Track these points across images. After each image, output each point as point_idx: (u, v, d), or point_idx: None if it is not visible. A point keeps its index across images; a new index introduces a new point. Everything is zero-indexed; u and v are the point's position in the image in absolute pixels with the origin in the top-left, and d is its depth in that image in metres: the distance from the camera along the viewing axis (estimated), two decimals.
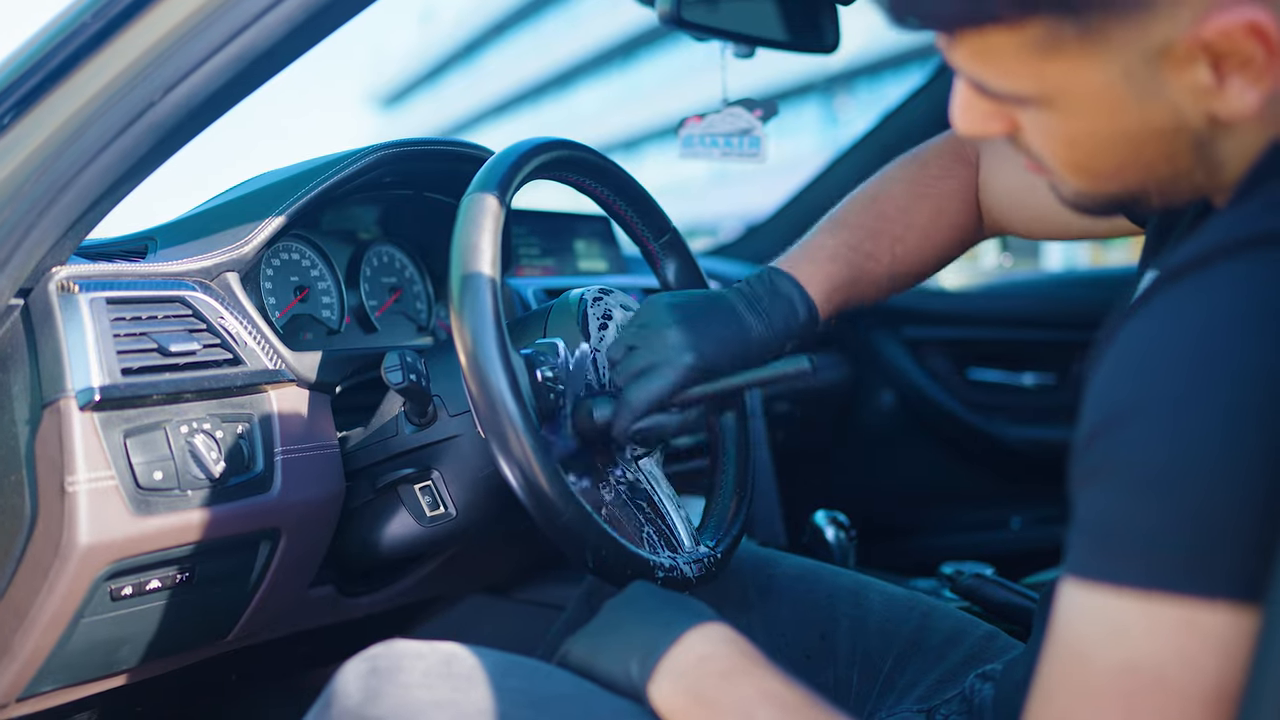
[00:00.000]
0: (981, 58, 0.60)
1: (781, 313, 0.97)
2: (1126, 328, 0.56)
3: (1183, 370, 0.52)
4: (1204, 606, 0.50)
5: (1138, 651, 0.51)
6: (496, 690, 0.69)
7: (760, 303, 0.98)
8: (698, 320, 0.94)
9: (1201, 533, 0.50)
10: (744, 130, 1.38)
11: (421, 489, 1.03)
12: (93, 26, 0.83)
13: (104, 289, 0.91)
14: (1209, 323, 0.53)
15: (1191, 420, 0.51)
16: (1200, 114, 0.58)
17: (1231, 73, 0.56)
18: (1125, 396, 0.53)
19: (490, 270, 0.86)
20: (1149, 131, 0.60)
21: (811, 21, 1.36)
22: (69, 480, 0.84)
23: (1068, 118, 0.61)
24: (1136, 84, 0.57)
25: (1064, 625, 0.55)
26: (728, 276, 2.00)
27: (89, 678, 0.95)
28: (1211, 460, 0.50)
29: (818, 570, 1.06)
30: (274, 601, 1.03)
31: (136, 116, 0.84)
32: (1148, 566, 0.51)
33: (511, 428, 0.82)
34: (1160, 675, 0.51)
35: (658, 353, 0.93)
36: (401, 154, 1.12)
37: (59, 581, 0.85)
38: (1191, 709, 0.50)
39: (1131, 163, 0.62)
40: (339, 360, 1.06)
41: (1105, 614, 0.52)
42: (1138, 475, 0.52)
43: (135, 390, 0.88)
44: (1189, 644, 0.50)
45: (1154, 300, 0.55)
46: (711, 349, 0.93)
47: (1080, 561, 0.54)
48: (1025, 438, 2.08)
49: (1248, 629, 0.50)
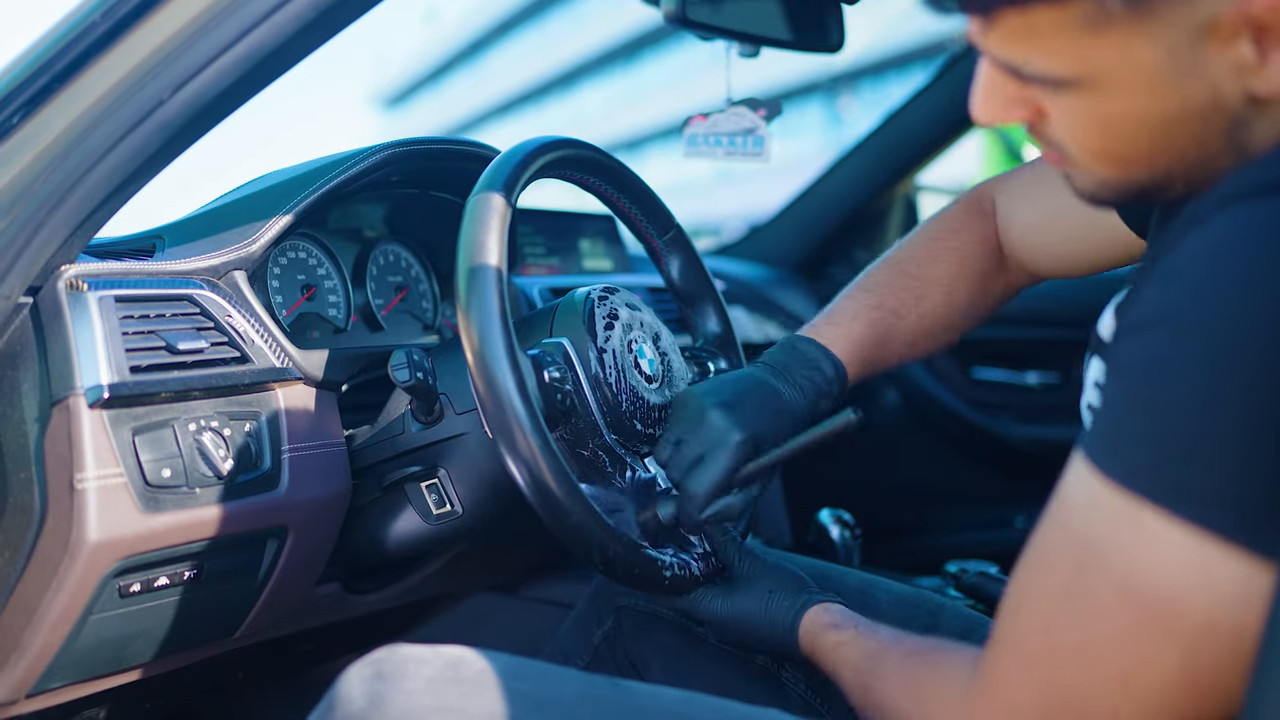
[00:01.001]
0: (1021, 38, 0.59)
1: (810, 377, 0.99)
2: (1174, 250, 0.56)
3: (1193, 297, 0.54)
4: (1162, 517, 0.53)
5: (1095, 528, 0.56)
6: (503, 694, 0.69)
7: (788, 371, 0.99)
8: (735, 400, 0.95)
9: (1175, 449, 0.53)
10: (748, 130, 1.39)
11: (428, 487, 1.03)
12: (102, 26, 0.83)
13: (112, 287, 0.91)
14: (1233, 254, 0.53)
15: (1197, 345, 0.53)
16: (1238, 92, 0.57)
17: (1273, 48, 0.55)
18: (1151, 307, 0.56)
19: (497, 269, 0.86)
20: (1187, 113, 0.59)
21: (816, 21, 1.36)
22: (78, 477, 0.84)
23: (1106, 99, 0.60)
24: (1180, 63, 0.57)
25: (1062, 486, 0.60)
26: (731, 275, 2.01)
27: (97, 674, 0.95)
28: (1197, 387, 0.52)
29: (825, 570, 1.06)
30: (281, 599, 1.04)
31: (145, 115, 0.84)
32: (1121, 463, 0.55)
33: (519, 427, 0.82)
34: (1102, 557, 0.55)
35: (706, 439, 0.93)
36: (408, 153, 1.13)
37: (68, 578, 0.85)
38: (1112, 595, 0.55)
39: (1163, 148, 0.61)
40: (345, 358, 1.06)
41: (1085, 488, 0.57)
42: (1131, 383, 0.55)
43: (144, 388, 0.89)
44: (1134, 540, 0.54)
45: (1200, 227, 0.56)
46: (755, 423, 0.93)
47: (1084, 438, 0.58)
48: (1029, 436, 2.08)
49: (1220, 562, 0.51)
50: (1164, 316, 0.55)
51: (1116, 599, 0.55)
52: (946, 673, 0.69)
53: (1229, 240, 0.54)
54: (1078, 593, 0.57)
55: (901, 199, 2.22)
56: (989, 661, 0.63)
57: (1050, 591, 0.59)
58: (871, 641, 0.79)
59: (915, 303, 1.04)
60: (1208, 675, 0.53)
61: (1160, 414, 0.53)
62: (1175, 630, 0.53)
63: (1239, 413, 0.51)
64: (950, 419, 2.12)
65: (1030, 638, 0.60)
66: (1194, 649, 0.53)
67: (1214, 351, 0.52)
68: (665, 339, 1.08)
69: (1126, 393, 0.56)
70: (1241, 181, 0.56)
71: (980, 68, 0.65)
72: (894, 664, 0.75)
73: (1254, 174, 0.56)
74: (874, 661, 0.77)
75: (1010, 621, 0.62)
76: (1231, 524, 0.51)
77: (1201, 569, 0.52)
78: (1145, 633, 0.54)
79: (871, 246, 2.19)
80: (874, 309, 1.03)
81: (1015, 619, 0.61)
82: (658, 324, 1.09)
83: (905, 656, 0.75)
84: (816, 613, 0.86)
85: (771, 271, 2.13)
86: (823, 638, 0.84)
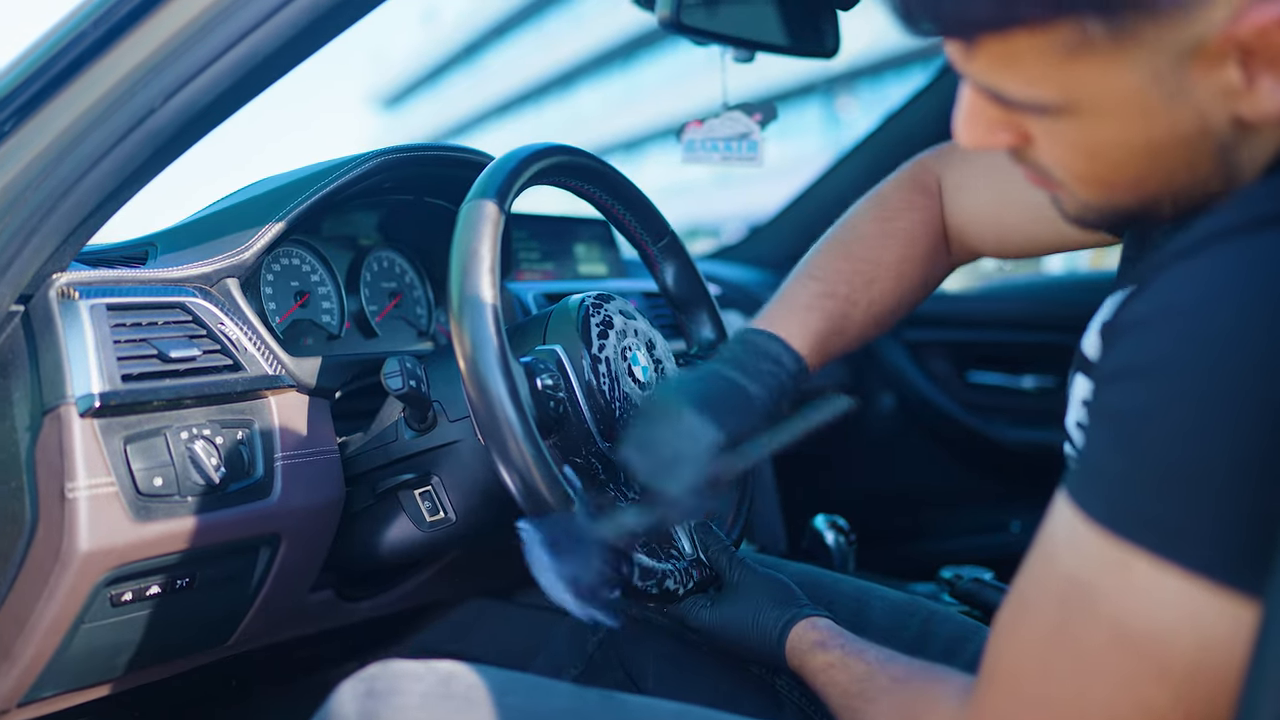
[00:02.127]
0: (1002, 64, 0.58)
1: (772, 372, 0.94)
2: (1154, 284, 0.55)
3: (1178, 341, 0.53)
4: (1149, 561, 0.52)
5: (1083, 570, 0.55)
6: (495, 709, 0.68)
7: (750, 367, 0.94)
8: (705, 399, 0.89)
9: (1161, 494, 0.52)
10: (743, 134, 1.39)
11: (421, 494, 1.03)
12: (93, 35, 0.83)
13: (104, 295, 0.91)
14: (1217, 295, 0.53)
15: (1182, 392, 0.52)
16: (1225, 117, 0.57)
17: (1261, 72, 0.54)
18: (1136, 353, 0.55)
19: (490, 276, 0.86)
20: (1174, 138, 0.58)
21: (812, 26, 1.36)
22: (69, 486, 0.84)
23: (1091, 126, 0.59)
24: (1165, 87, 0.56)
25: (1047, 525, 0.59)
26: (730, 279, 2.00)
27: (89, 683, 0.95)
28: (1181, 431, 0.52)
29: (819, 577, 1.06)
30: (274, 606, 1.03)
31: (137, 123, 0.84)
32: (1106, 506, 0.55)
33: (511, 434, 0.82)
34: (1090, 599, 0.55)
35: (679, 441, 0.86)
36: (402, 159, 1.13)
37: (59, 587, 0.85)
38: (1103, 638, 0.54)
39: (1151, 173, 0.60)
40: (339, 366, 1.06)
41: (1071, 529, 0.57)
42: (1116, 428, 0.55)
43: (135, 396, 0.89)
44: (1122, 584, 0.54)
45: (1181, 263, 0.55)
46: (729, 421, 0.88)
47: (1069, 478, 0.58)
48: (1025, 440, 2.08)
49: (1208, 603, 0.51)
50: (1149, 363, 0.54)
51: (1105, 641, 0.55)
52: (936, 703, 0.69)
53: (1215, 281, 0.53)
54: (1066, 633, 0.56)
55: None
56: (978, 695, 0.63)
57: (1039, 631, 0.58)
58: (859, 665, 0.79)
59: (866, 287, 1.00)
60: (1196, 712, 0.53)
61: (1146, 459, 0.53)
62: (1165, 671, 0.53)
63: (1224, 456, 0.51)
64: (946, 423, 2.12)
65: (1019, 676, 0.59)
66: (1184, 689, 0.53)
67: (1199, 398, 0.51)
68: (659, 346, 1.08)
69: (1111, 437, 0.55)
70: (1229, 216, 0.55)
71: (962, 91, 0.63)
72: (883, 690, 0.75)
73: (1242, 208, 0.55)
74: (862, 685, 0.77)
75: (999, 658, 0.61)
76: (1219, 566, 0.51)
77: (1190, 611, 0.52)
78: (1135, 674, 0.54)
79: None
80: (827, 297, 0.99)
81: (1004, 656, 0.61)
82: (651, 331, 1.08)
83: (894, 683, 0.75)
84: (804, 628, 0.86)
85: (768, 275, 2.13)
86: (810, 657, 0.83)
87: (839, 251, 1.03)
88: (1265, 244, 0.53)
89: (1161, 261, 0.56)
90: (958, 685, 0.69)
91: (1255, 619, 0.50)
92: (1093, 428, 0.57)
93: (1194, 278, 0.54)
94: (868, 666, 0.78)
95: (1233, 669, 0.51)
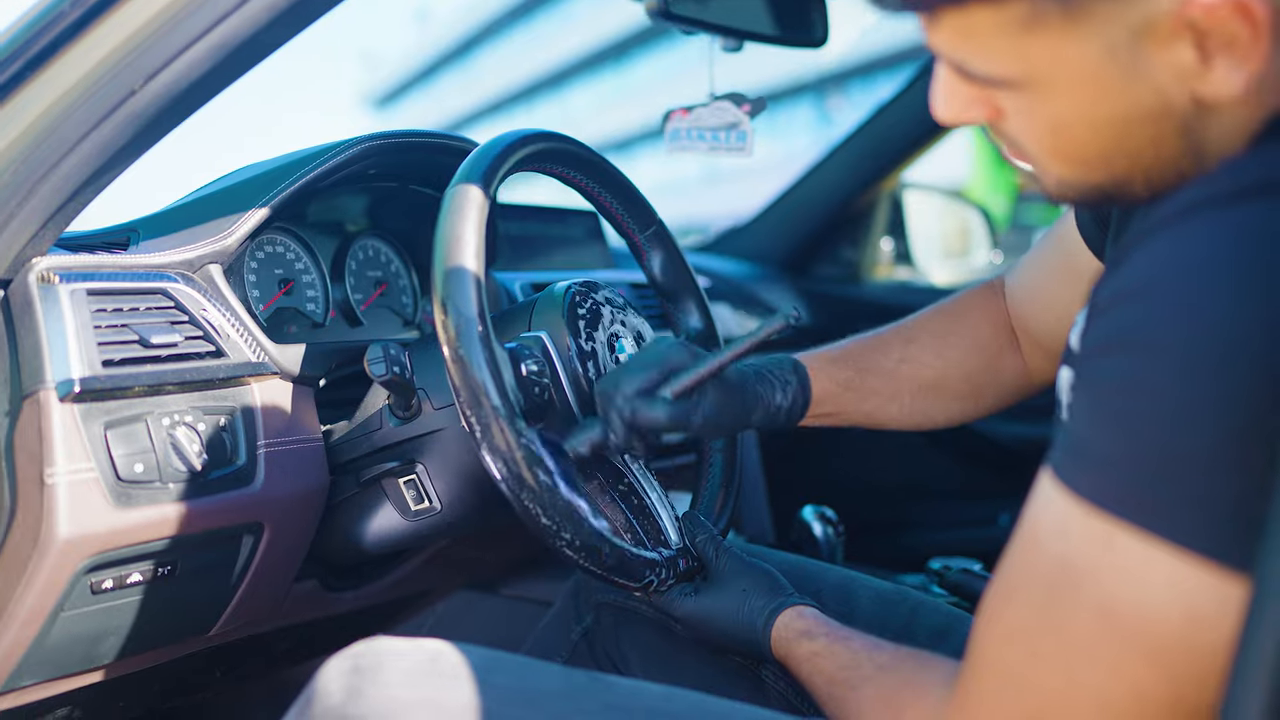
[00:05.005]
0: (963, 38, 0.60)
1: (764, 362, 1.00)
2: (1136, 255, 0.56)
3: (1164, 314, 0.53)
4: (1135, 536, 0.52)
5: (1069, 550, 0.55)
6: (481, 687, 0.68)
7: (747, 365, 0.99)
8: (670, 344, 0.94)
9: (1147, 468, 0.52)
10: (731, 124, 1.38)
11: (406, 483, 1.03)
12: (72, 14, 0.82)
13: (85, 280, 0.90)
14: (1202, 266, 0.53)
15: (1165, 364, 0.52)
16: (1185, 96, 0.58)
17: (1216, 52, 0.55)
18: (1117, 326, 0.55)
19: (474, 261, 0.85)
20: (1134, 115, 0.59)
21: (800, 15, 1.35)
22: (48, 472, 0.83)
23: (1051, 100, 0.60)
24: (1120, 64, 0.57)
25: (1031, 507, 0.59)
26: (715, 271, 2.00)
27: (69, 672, 0.94)
28: (1169, 404, 0.52)
29: (805, 566, 1.06)
30: (257, 596, 1.02)
31: (117, 105, 0.83)
32: (1092, 483, 0.54)
33: (495, 420, 0.81)
34: (1076, 577, 0.55)
35: (630, 362, 0.92)
36: (387, 146, 1.12)
37: (38, 574, 0.84)
38: (1090, 619, 0.54)
39: (1116, 149, 0.61)
40: (323, 353, 1.05)
41: (1056, 509, 0.56)
42: (1102, 403, 0.55)
43: (116, 382, 0.88)
44: (1108, 560, 0.53)
45: (1164, 233, 0.55)
46: (684, 350, 0.92)
47: (1053, 456, 0.58)
48: (1014, 434, 2.08)
49: (1196, 579, 0.51)
50: (1130, 336, 0.54)
51: (1092, 619, 0.54)
52: (922, 690, 0.69)
53: (1198, 252, 0.53)
54: (1053, 613, 0.56)
55: (887, 195, 2.22)
56: (965, 681, 0.63)
57: (1025, 612, 0.58)
58: (845, 652, 0.79)
59: (902, 345, 1.04)
60: (1186, 692, 0.53)
61: (1131, 433, 0.53)
62: (1153, 649, 0.53)
63: (1211, 429, 0.51)
64: None
65: (1006, 658, 0.59)
66: (1172, 666, 0.53)
67: (1182, 370, 0.51)
68: (646, 334, 1.07)
69: (1096, 412, 0.55)
70: (1203, 188, 0.55)
71: (937, 69, 0.65)
72: (868, 678, 0.75)
73: (1216, 181, 0.55)
74: (847, 673, 0.77)
75: (986, 641, 0.61)
76: (1207, 540, 0.51)
77: (1177, 587, 0.51)
78: (1122, 652, 0.53)
79: (856, 243, 2.18)
80: (854, 340, 1.05)
81: (991, 638, 0.61)
82: (638, 319, 1.08)
83: (879, 670, 0.75)
84: (790, 617, 0.86)
85: (756, 268, 2.12)
86: (796, 645, 0.83)
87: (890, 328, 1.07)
88: (1246, 214, 0.53)
89: (1144, 230, 0.56)
90: (944, 671, 0.69)
91: (1243, 595, 0.50)
92: (1077, 403, 0.57)
93: (1176, 249, 0.54)
94: (853, 654, 0.78)
95: (1221, 651, 0.51)
